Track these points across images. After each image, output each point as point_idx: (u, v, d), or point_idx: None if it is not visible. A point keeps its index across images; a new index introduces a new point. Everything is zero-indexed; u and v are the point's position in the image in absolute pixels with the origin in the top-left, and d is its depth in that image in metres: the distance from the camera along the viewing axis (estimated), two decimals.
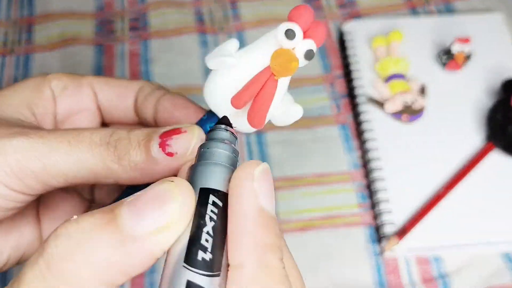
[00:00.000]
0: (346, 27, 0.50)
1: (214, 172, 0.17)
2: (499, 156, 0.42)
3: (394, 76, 0.45)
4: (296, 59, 0.20)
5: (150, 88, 0.27)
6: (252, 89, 0.20)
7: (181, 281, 0.15)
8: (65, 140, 0.22)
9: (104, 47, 0.50)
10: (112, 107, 0.27)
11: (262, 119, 0.21)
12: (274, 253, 0.16)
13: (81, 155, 0.22)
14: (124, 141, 0.22)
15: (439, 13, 0.52)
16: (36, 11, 0.53)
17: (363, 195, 0.42)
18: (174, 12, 0.52)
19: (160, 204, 0.16)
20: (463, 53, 0.45)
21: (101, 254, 0.16)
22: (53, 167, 0.21)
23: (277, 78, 0.20)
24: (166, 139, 0.21)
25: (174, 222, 0.16)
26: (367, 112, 0.45)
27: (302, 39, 0.20)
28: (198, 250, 0.16)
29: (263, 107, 0.21)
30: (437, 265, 0.39)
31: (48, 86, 0.26)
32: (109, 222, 0.16)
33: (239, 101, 0.20)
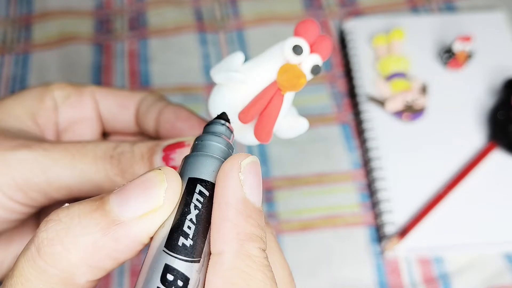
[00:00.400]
0: (346, 26, 0.50)
1: (204, 163, 0.18)
2: (501, 156, 0.42)
3: (395, 75, 0.45)
4: (304, 76, 0.20)
5: (152, 99, 0.27)
6: (260, 104, 0.20)
7: (160, 265, 0.16)
8: (69, 154, 0.22)
9: (103, 46, 0.50)
10: (113, 117, 0.27)
11: (269, 134, 0.21)
12: (254, 243, 0.16)
13: (84, 168, 0.22)
14: (127, 155, 0.22)
15: (440, 12, 0.52)
16: (34, 10, 0.52)
17: (364, 195, 0.42)
18: (173, 10, 0.52)
19: (146, 190, 0.16)
20: (465, 51, 0.45)
21: (88, 238, 0.16)
22: (56, 180, 0.22)
23: (283, 93, 0.21)
24: (170, 153, 0.22)
25: (159, 207, 0.16)
26: (368, 111, 0.44)
27: (309, 53, 0.20)
28: (180, 236, 0.16)
29: (269, 122, 0.21)
30: (438, 265, 0.39)
31: (51, 95, 0.26)
32: (98, 207, 0.16)
33: (246, 116, 0.20)
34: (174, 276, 0.16)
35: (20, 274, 0.16)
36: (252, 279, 0.16)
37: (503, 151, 0.42)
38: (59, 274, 0.16)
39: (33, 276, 0.16)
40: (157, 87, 0.47)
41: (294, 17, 0.52)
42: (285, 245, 0.40)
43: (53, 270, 0.16)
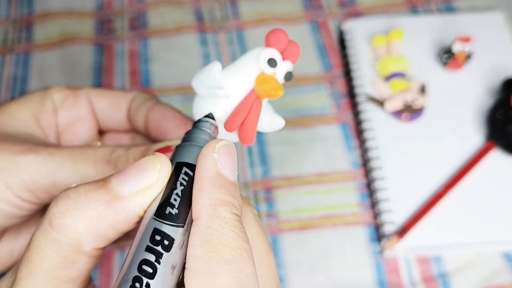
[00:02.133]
0: (346, 26, 0.50)
1: (190, 150, 0.21)
2: (500, 155, 0.42)
3: (394, 75, 0.45)
4: (281, 87, 0.22)
5: (142, 98, 0.29)
6: (242, 114, 0.23)
7: (150, 229, 0.19)
8: (71, 158, 0.25)
9: (103, 46, 0.50)
10: (107, 116, 0.29)
11: (252, 137, 0.23)
12: (225, 207, 0.19)
13: (85, 171, 0.24)
14: (123, 159, 0.25)
15: (439, 12, 0.52)
16: (35, 10, 0.53)
17: (363, 194, 0.42)
18: (173, 11, 0.52)
19: (142, 170, 0.19)
20: (464, 52, 0.45)
21: (94, 210, 0.19)
22: (60, 182, 0.24)
23: (261, 101, 0.23)
24: None
25: (152, 185, 0.19)
26: (367, 111, 0.45)
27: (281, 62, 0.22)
28: (167, 207, 0.19)
29: (252, 127, 0.23)
30: (437, 265, 0.39)
31: (50, 98, 0.28)
32: (101, 186, 0.19)
33: (231, 126, 0.23)
34: (161, 236, 0.19)
35: (35, 245, 0.19)
36: (223, 235, 0.18)
37: (502, 150, 0.42)
38: (69, 243, 0.18)
39: (46, 246, 0.18)
40: (157, 87, 0.48)
41: (294, 18, 0.52)
42: (285, 244, 0.40)
43: (64, 239, 0.18)
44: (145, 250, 0.18)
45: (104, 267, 0.39)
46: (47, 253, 0.18)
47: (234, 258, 0.18)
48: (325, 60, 0.49)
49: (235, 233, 0.19)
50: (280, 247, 0.40)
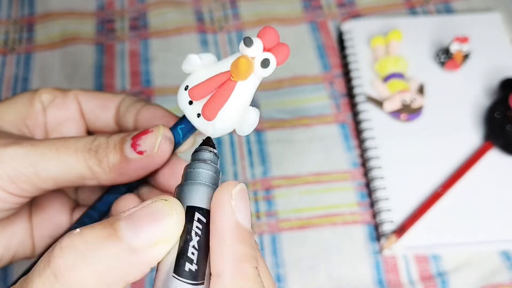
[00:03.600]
0: (345, 27, 0.50)
1: (199, 191, 0.20)
2: (497, 155, 0.43)
3: (393, 75, 0.46)
4: (250, 63, 0.22)
5: (131, 100, 0.29)
6: (208, 84, 0.23)
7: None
8: (54, 148, 0.24)
9: (104, 46, 0.50)
10: (95, 117, 0.30)
11: (213, 111, 0.22)
12: (249, 263, 0.18)
13: (68, 160, 0.24)
14: (103, 146, 0.25)
15: (438, 13, 0.52)
16: (37, 10, 0.53)
17: (362, 194, 0.42)
18: (174, 11, 0.53)
19: (157, 220, 0.18)
20: (462, 52, 0.46)
21: (104, 264, 0.17)
22: (44, 172, 0.24)
23: (233, 80, 0.22)
24: (136, 140, 0.24)
25: (169, 236, 0.18)
26: (366, 111, 0.45)
27: (263, 51, 0.22)
28: (186, 262, 0.18)
29: (216, 104, 0.22)
30: (436, 263, 0.39)
31: (39, 99, 0.28)
32: (111, 235, 0.18)
33: (195, 93, 0.23)
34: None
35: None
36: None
37: (500, 150, 0.42)
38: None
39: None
40: (157, 87, 0.48)
41: (294, 18, 0.52)
42: (284, 244, 0.40)
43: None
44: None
45: None
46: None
47: None
48: (324, 61, 0.49)
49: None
50: (279, 246, 0.40)
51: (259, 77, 0.23)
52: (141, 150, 0.24)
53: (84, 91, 0.30)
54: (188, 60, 0.24)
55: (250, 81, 0.23)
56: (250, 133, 0.44)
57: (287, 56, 0.23)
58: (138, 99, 0.29)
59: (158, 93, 0.47)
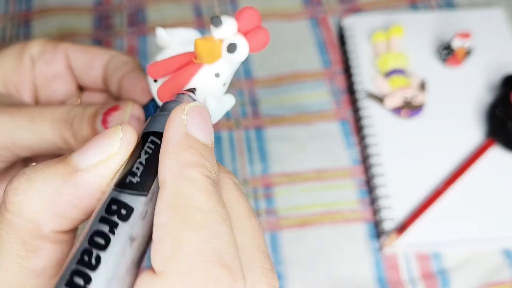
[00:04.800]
0: (346, 22, 0.50)
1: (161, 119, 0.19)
2: (499, 152, 0.42)
3: (394, 71, 0.45)
4: (211, 45, 0.20)
5: (118, 62, 0.28)
6: (169, 63, 0.21)
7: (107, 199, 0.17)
8: (30, 118, 0.24)
9: (102, 42, 0.50)
10: (83, 74, 0.29)
11: (167, 94, 0.21)
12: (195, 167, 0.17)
13: (43, 130, 0.24)
14: (78, 118, 0.24)
15: (439, 8, 0.52)
16: (34, 6, 0.52)
17: (363, 191, 0.42)
18: (172, 7, 0.52)
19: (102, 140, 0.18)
20: (463, 48, 0.45)
21: (49, 185, 0.17)
22: (20, 141, 0.24)
23: (196, 62, 0.21)
24: (107, 116, 0.24)
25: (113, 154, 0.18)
26: (367, 107, 0.45)
27: (235, 34, 0.20)
28: (128, 176, 0.18)
29: (174, 84, 0.21)
30: (437, 261, 0.39)
31: (28, 53, 0.28)
32: (60, 161, 0.18)
33: (153, 71, 0.21)
34: (117, 206, 0.17)
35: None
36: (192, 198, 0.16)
37: (502, 147, 0.42)
38: (25, 224, 0.17)
39: (3, 231, 0.17)
40: None
41: (294, 14, 0.52)
42: (284, 241, 0.40)
43: (19, 221, 0.17)
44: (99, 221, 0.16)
45: None
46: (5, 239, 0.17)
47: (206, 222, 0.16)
48: (325, 57, 0.49)
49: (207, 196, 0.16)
50: (279, 244, 0.40)
51: (230, 62, 0.21)
52: (109, 127, 0.24)
53: (75, 45, 0.29)
54: (157, 34, 0.23)
55: (220, 66, 0.21)
56: (250, 130, 0.44)
57: (265, 42, 0.21)
58: (126, 60, 0.28)
59: None
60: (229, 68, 0.21)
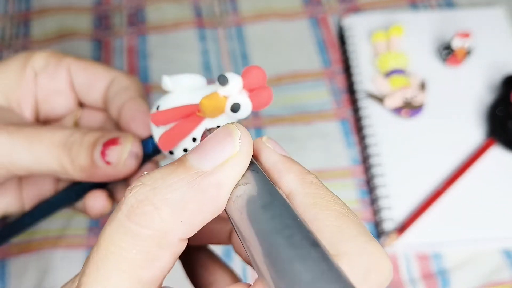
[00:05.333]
0: (345, 22, 0.50)
1: None
2: (500, 152, 0.42)
3: (394, 71, 0.45)
4: (216, 103, 0.21)
5: (119, 86, 0.28)
6: (173, 113, 0.22)
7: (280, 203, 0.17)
8: (28, 140, 0.24)
9: (101, 42, 0.50)
10: (84, 93, 0.29)
11: (169, 143, 0.22)
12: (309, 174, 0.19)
13: (40, 153, 0.24)
14: (77, 145, 0.24)
15: (439, 8, 0.52)
16: (33, 6, 0.52)
17: (363, 191, 0.42)
18: (172, 6, 0.52)
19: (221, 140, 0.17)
20: (464, 48, 0.45)
21: (176, 194, 0.16)
22: (17, 162, 0.24)
23: (199, 115, 0.21)
24: (105, 148, 0.24)
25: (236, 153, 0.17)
26: (367, 107, 0.44)
27: (239, 92, 0.21)
28: None
29: (176, 134, 0.22)
30: (437, 261, 0.39)
31: (31, 66, 0.28)
32: (178, 166, 0.17)
33: (157, 119, 0.22)
34: None
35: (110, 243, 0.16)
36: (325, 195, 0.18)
37: (502, 147, 0.42)
38: (152, 234, 0.16)
39: (125, 243, 0.16)
40: (156, 83, 0.47)
41: (293, 13, 0.52)
42: None
43: (146, 231, 0.16)
44: None
45: None
46: (126, 250, 0.16)
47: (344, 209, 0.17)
48: (325, 56, 0.49)
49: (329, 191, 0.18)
50: None
51: (231, 118, 0.21)
52: (108, 161, 0.24)
53: (78, 61, 0.29)
54: (162, 81, 0.23)
55: (222, 120, 0.22)
56: (250, 130, 0.44)
57: (267, 102, 0.21)
58: (127, 85, 0.28)
59: (155, 90, 0.47)
60: None
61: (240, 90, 0.21)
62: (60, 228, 0.40)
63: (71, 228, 0.40)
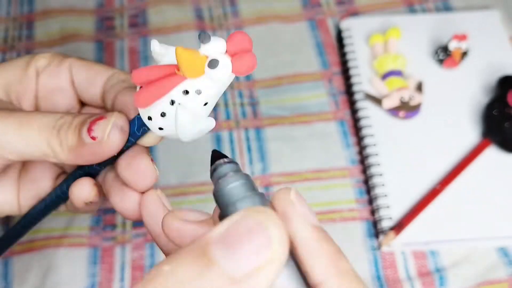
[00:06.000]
0: (344, 24, 0.50)
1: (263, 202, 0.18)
2: (495, 152, 0.43)
3: (392, 73, 0.46)
4: (198, 60, 0.20)
5: (117, 79, 0.28)
6: (153, 70, 0.21)
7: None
8: (17, 122, 0.24)
9: (104, 44, 0.51)
10: (84, 90, 0.29)
11: (145, 99, 0.21)
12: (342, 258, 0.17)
13: (30, 136, 0.24)
14: (66, 126, 0.24)
15: (437, 11, 0.53)
16: (36, 8, 0.53)
17: (361, 190, 0.43)
18: (173, 9, 0.53)
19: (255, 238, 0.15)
20: (460, 50, 0.46)
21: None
22: (7, 145, 0.24)
23: (178, 73, 0.21)
24: (92, 125, 0.24)
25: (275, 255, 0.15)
26: (365, 108, 0.45)
27: (222, 53, 0.20)
28: None
29: (153, 90, 0.21)
30: (434, 259, 0.40)
31: (34, 65, 0.28)
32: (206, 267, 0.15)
33: (136, 75, 0.21)
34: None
35: None
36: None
37: (497, 148, 0.43)
38: None
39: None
40: None
41: (293, 15, 0.52)
42: None
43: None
44: None
45: (105, 263, 0.39)
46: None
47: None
48: (323, 58, 0.50)
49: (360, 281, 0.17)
50: None
51: (212, 79, 0.20)
52: (93, 136, 0.24)
53: (79, 60, 0.29)
54: (151, 46, 0.22)
55: (202, 83, 0.21)
56: (249, 130, 0.45)
57: (249, 65, 0.20)
58: (124, 78, 0.28)
59: None
60: (212, 88, 0.21)
61: (222, 52, 0.20)
62: (62, 227, 0.41)
63: (74, 227, 0.41)
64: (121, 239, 0.40)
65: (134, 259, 0.39)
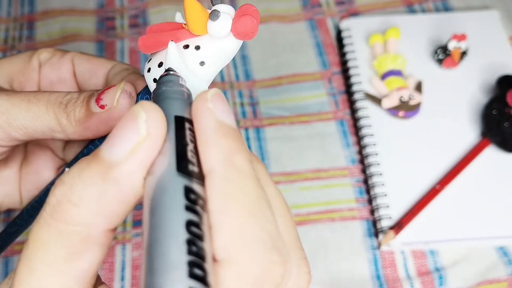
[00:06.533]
0: (343, 24, 0.50)
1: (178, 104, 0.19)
2: (494, 152, 0.43)
3: (391, 72, 0.46)
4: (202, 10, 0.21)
5: (119, 68, 0.29)
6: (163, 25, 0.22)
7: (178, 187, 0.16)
8: (26, 98, 0.25)
9: (104, 44, 0.51)
10: (86, 81, 0.30)
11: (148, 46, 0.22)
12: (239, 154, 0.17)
13: (37, 111, 0.25)
14: (73, 100, 0.25)
15: (436, 11, 0.53)
16: (36, 8, 0.53)
17: (361, 190, 0.43)
18: (173, 9, 0.53)
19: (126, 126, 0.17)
20: (460, 49, 0.46)
21: (91, 189, 0.16)
22: (14, 120, 0.25)
23: (184, 27, 0.22)
24: (101, 95, 0.25)
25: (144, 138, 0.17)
26: (364, 108, 0.45)
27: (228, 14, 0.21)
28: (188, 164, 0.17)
29: (157, 37, 0.22)
30: (433, 259, 0.40)
31: (37, 57, 0.29)
32: (92, 160, 0.17)
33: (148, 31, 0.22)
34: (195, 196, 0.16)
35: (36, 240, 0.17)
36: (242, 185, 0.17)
37: (497, 147, 0.43)
38: (75, 230, 0.17)
39: (50, 239, 0.17)
40: None
41: (292, 16, 0.53)
42: None
43: (68, 228, 0.17)
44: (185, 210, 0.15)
45: (105, 262, 0.39)
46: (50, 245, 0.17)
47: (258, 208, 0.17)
48: (323, 58, 0.50)
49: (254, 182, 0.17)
50: None
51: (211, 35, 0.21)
52: (102, 104, 0.24)
53: (81, 54, 0.30)
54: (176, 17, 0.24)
55: (203, 40, 0.22)
56: (249, 130, 0.45)
57: (248, 26, 0.21)
58: (126, 67, 0.29)
59: None
60: (211, 47, 0.22)
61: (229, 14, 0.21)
62: None
63: None
64: (121, 238, 0.40)
65: (134, 258, 0.40)
